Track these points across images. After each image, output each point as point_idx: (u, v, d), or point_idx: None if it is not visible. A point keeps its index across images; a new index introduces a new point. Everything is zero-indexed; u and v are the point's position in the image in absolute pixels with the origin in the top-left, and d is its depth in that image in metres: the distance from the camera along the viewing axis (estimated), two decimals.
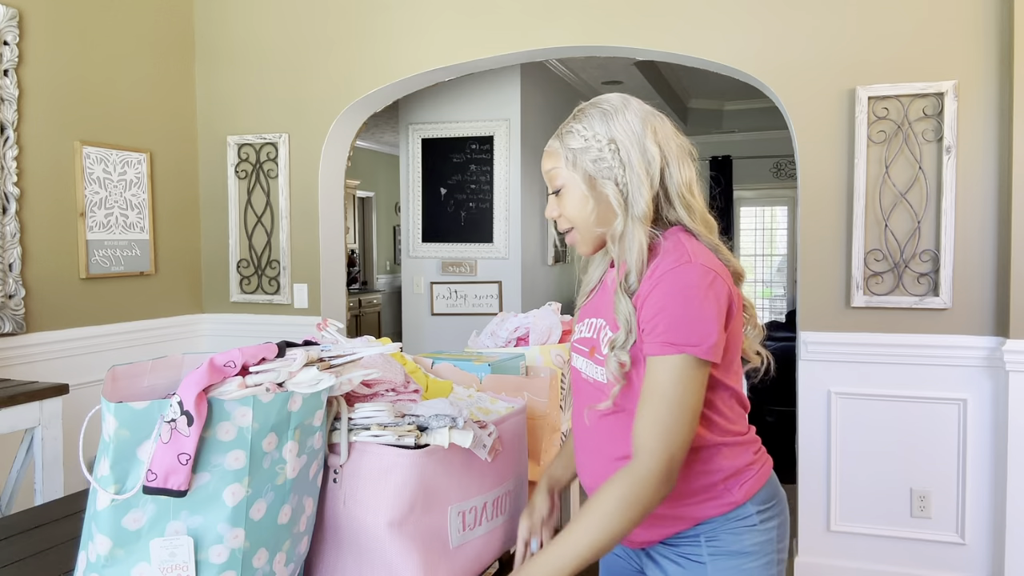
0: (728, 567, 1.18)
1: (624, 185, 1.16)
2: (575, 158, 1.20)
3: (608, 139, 1.17)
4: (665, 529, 1.21)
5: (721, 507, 1.19)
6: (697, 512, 1.19)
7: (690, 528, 1.20)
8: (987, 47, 2.61)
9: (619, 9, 3.01)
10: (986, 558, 2.69)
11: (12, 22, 2.75)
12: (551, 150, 1.24)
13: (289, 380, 1.03)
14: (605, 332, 1.21)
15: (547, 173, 1.24)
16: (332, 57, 3.43)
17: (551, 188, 1.24)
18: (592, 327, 1.25)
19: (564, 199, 1.22)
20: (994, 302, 2.63)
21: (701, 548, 1.20)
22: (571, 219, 1.23)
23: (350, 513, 1.15)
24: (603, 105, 1.20)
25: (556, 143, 1.24)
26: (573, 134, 1.21)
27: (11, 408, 2.30)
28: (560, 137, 1.23)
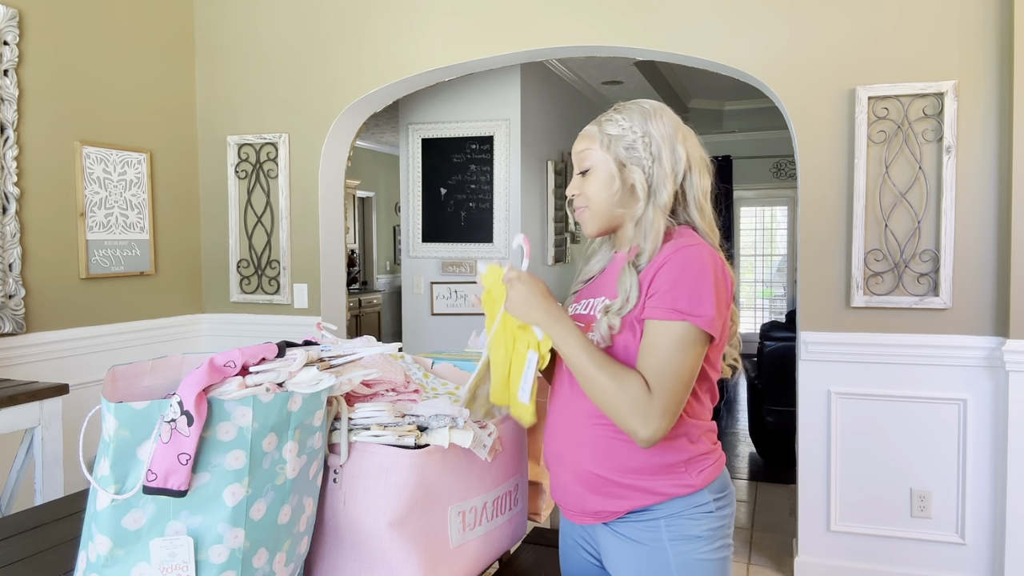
0: (687, 550, 1.24)
1: (651, 175, 1.27)
2: (610, 143, 1.30)
3: (643, 132, 1.28)
4: (626, 501, 1.25)
5: (679, 488, 1.24)
6: (657, 487, 1.24)
7: (649, 506, 1.24)
8: (987, 47, 2.61)
9: (619, 9, 3.01)
10: (986, 558, 2.69)
11: (12, 22, 2.75)
12: (587, 134, 1.34)
13: (289, 380, 1.03)
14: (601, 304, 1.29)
15: (579, 154, 1.33)
16: (332, 57, 3.43)
17: (579, 168, 1.33)
18: (589, 306, 1.33)
19: (590, 179, 1.32)
20: (994, 302, 2.63)
21: (661, 532, 1.24)
22: (590, 198, 1.31)
23: (350, 513, 1.15)
24: (643, 105, 1.32)
25: (594, 128, 1.34)
26: (612, 122, 1.32)
27: (11, 408, 2.30)
28: (599, 123, 1.33)
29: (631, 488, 1.24)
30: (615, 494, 1.25)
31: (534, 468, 1.61)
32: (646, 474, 1.24)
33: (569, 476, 1.29)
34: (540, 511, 1.63)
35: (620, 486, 1.24)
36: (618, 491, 1.24)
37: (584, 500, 1.28)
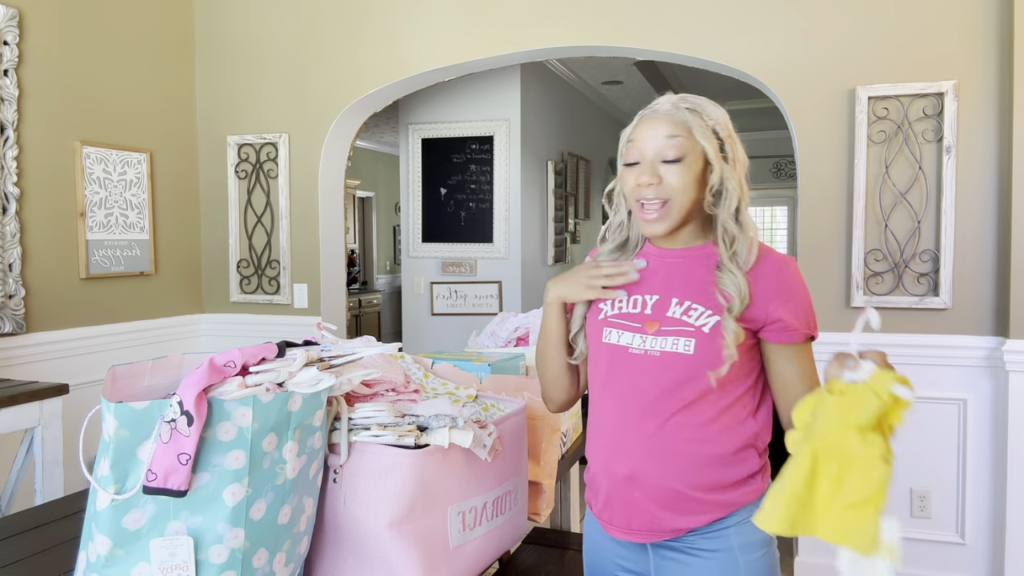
0: (755, 555, 1.22)
1: (737, 173, 1.23)
2: (706, 133, 1.20)
3: (726, 128, 1.23)
4: (705, 515, 1.22)
5: (749, 495, 1.23)
6: (734, 498, 1.22)
7: (723, 517, 1.22)
8: (987, 47, 2.61)
9: (619, 9, 3.01)
10: (986, 558, 2.69)
11: (12, 22, 2.75)
12: (676, 119, 1.20)
13: (289, 380, 1.03)
14: (674, 307, 1.22)
15: (667, 139, 1.19)
16: (332, 57, 3.43)
17: (666, 156, 1.20)
18: (640, 303, 1.25)
19: (679, 169, 1.20)
20: (994, 302, 2.63)
21: (731, 540, 1.22)
22: (676, 190, 1.20)
23: (350, 513, 1.15)
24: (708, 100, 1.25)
25: (685, 114, 1.21)
26: (703, 112, 1.21)
27: (11, 408, 2.30)
28: (692, 111, 1.21)
29: (712, 503, 1.21)
30: (695, 510, 1.21)
31: (534, 468, 1.61)
32: (729, 488, 1.22)
33: (643, 495, 1.22)
34: (540, 511, 1.63)
35: (703, 502, 1.21)
36: (699, 507, 1.21)
37: (657, 519, 1.22)
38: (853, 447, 0.97)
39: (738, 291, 1.18)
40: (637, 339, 1.23)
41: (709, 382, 1.19)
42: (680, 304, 1.22)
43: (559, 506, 2.06)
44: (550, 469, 1.65)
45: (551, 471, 1.66)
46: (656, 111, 1.22)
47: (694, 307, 1.21)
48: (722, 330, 1.18)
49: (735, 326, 1.18)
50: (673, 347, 1.20)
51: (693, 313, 1.21)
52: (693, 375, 1.19)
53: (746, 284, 1.19)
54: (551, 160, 5.43)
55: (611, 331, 1.27)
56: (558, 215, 5.61)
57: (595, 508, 1.31)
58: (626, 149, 1.25)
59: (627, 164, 1.24)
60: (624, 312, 1.27)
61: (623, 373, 1.24)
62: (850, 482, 0.97)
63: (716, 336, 1.18)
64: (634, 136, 1.23)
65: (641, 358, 1.22)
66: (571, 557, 1.72)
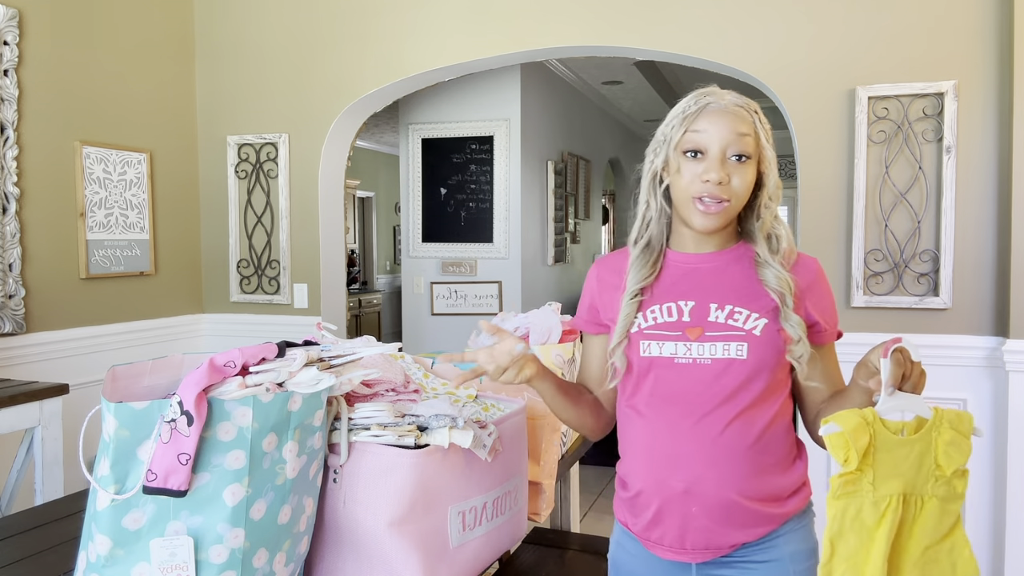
0: (807, 567, 1.21)
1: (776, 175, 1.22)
2: (766, 135, 1.20)
3: (767, 133, 1.21)
4: (761, 528, 1.19)
5: (799, 503, 1.23)
6: (791, 508, 1.21)
7: (776, 528, 1.20)
8: (987, 47, 2.61)
9: (619, 9, 3.01)
10: (986, 558, 2.68)
11: (12, 22, 2.75)
12: (744, 117, 1.18)
13: (289, 380, 1.03)
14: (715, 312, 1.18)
15: (741, 136, 1.16)
16: (332, 57, 3.43)
17: (737, 151, 1.16)
18: (675, 311, 1.21)
19: (745, 169, 1.17)
20: (994, 302, 2.63)
21: (781, 549, 1.20)
22: (737, 193, 1.17)
23: (350, 513, 1.15)
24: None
25: (751, 115, 1.19)
26: (761, 115, 1.20)
27: (11, 408, 2.30)
28: (757, 112, 1.20)
29: (768, 515, 1.19)
30: (753, 522, 1.18)
31: (534, 468, 1.61)
32: (785, 498, 1.21)
33: (700, 510, 1.17)
34: (540, 511, 1.63)
35: (760, 514, 1.18)
36: (756, 519, 1.18)
37: (714, 535, 1.18)
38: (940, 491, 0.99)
39: (786, 284, 1.17)
40: (681, 347, 1.18)
41: (762, 387, 1.17)
42: (721, 308, 1.18)
43: (559, 506, 2.06)
44: (550, 469, 1.65)
45: (551, 471, 1.66)
46: (723, 105, 1.17)
47: (738, 310, 1.18)
48: (784, 326, 1.16)
49: (797, 317, 1.17)
50: (724, 352, 1.16)
51: (738, 317, 1.17)
52: (748, 380, 1.16)
53: (789, 276, 1.18)
54: (551, 160, 5.43)
55: (650, 343, 1.20)
56: (558, 215, 5.60)
57: (637, 528, 1.24)
58: (685, 137, 1.18)
59: (687, 153, 1.18)
60: (660, 322, 1.21)
61: (671, 384, 1.19)
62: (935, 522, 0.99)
63: (769, 339, 1.16)
64: (700, 126, 1.17)
65: (690, 367, 1.18)
66: (571, 557, 1.72)
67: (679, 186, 1.19)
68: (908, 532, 0.99)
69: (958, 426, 0.99)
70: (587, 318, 1.35)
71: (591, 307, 1.33)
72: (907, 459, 0.99)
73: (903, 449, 0.99)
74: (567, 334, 1.90)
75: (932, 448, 0.98)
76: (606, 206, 8.85)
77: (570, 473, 2.07)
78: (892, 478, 0.99)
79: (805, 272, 1.22)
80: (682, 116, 1.19)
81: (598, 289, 1.32)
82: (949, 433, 0.98)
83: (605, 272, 1.34)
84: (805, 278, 1.21)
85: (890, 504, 0.99)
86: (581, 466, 2.52)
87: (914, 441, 0.99)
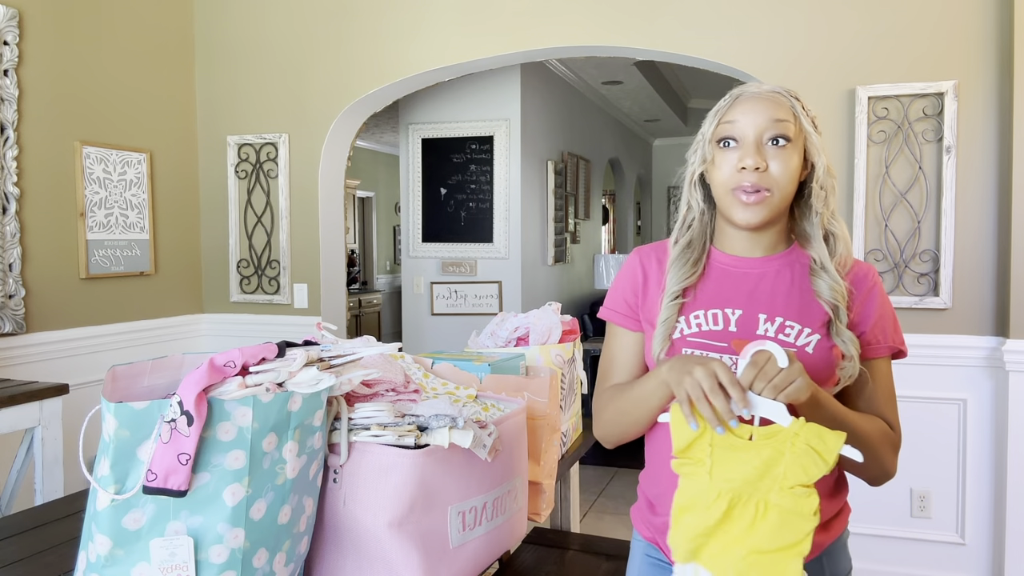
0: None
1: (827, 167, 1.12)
2: (809, 121, 1.10)
3: (812, 120, 1.12)
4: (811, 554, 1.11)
5: (843, 523, 1.20)
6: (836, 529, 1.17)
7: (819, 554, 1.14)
8: (987, 47, 2.61)
9: (619, 9, 3.01)
10: (986, 558, 2.69)
11: (12, 22, 2.75)
12: (781, 102, 1.09)
13: (289, 380, 1.03)
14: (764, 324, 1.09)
15: (777, 121, 1.07)
16: (332, 57, 3.43)
17: (773, 134, 1.08)
18: (721, 318, 1.11)
19: (784, 155, 1.08)
20: (994, 302, 2.63)
21: (824, 571, 1.15)
22: (778, 181, 1.08)
23: (350, 513, 1.14)
24: None
25: (789, 100, 1.10)
26: (803, 100, 1.11)
27: (11, 408, 2.30)
28: (795, 97, 1.11)
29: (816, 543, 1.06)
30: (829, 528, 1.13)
31: (534, 468, 1.61)
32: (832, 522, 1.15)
33: None
34: (540, 511, 1.63)
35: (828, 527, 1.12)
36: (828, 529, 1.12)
37: None
38: (784, 502, 0.94)
39: (841, 295, 1.09)
40: (727, 361, 1.08)
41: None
42: (770, 321, 1.09)
43: (559, 506, 2.06)
44: (550, 469, 1.65)
45: (551, 471, 1.66)
46: (758, 93, 1.10)
47: (789, 324, 1.09)
48: (836, 341, 1.08)
49: (850, 333, 1.09)
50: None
51: (790, 331, 1.08)
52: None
53: (845, 288, 1.09)
54: (551, 160, 5.43)
55: (692, 352, 1.10)
56: (558, 215, 5.60)
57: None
58: (719, 128, 1.11)
59: (721, 143, 1.10)
60: (705, 330, 1.11)
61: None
62: (771, 530, 0.94)
63: (821, 357, 1.08)
64: (733, 115, 1.09)
65: None
66: (571, 557, 1.72)
67: (717, 180, 1.11)
68: (744, 532, 0.95)
69: (817, 444, 0.93)
70: (624, 312, 1.21)
71: (630, 301, 1.20)
72: (750, 462, 0.95)
73: (747, 452, 0.96)
74: (567, 334, 1.90)
75: (781, 457, 0.94)
76: (606, 206, 8.85)
77: (570, 473, 2.07)
78: (731, 475, 0.96)
79: (862, 282, 1.14)
80: (715, 111, 1.13)
81: (643, 281, 1.20)
82: (803, 448, 0.94)
83: (650, 263, 1.21)
84: (859, 287, 1.13)
85: (726, 498, 0.96)
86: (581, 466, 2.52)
87: (761, 447, 0.96)
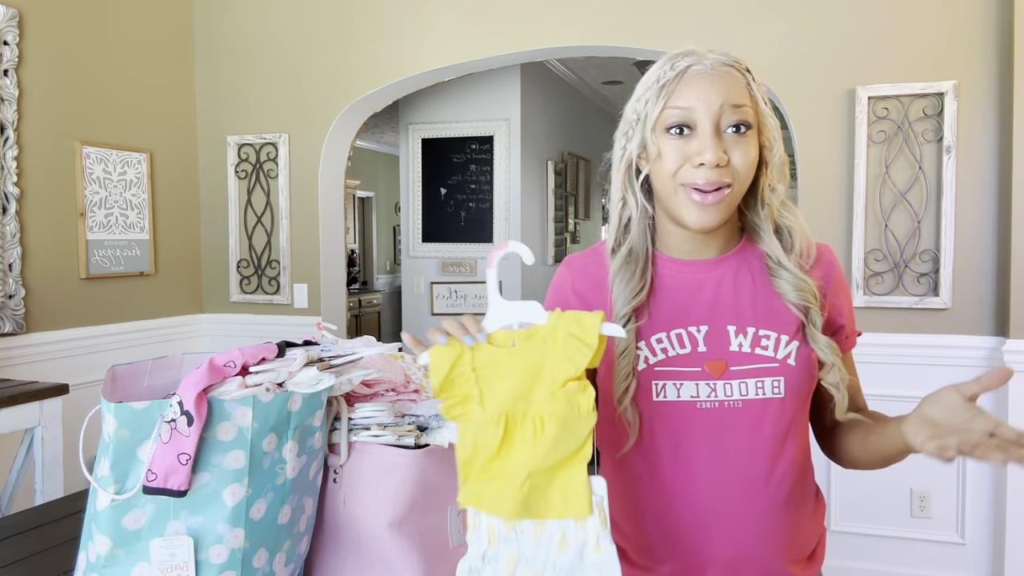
0: None
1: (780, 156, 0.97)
2: (764, 98, 0.95)
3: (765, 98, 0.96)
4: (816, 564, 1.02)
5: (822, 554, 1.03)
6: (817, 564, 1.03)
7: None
8: (987, 47, 2.61)
9: (619, 9, 3.01)
10: (986, 558, 2.69)
11: (12, 22, 2.75)
12: (736, 79, 0.92)
13: (289, 380, 1.03)
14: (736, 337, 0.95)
15: (736, 107, 0.91)
16: (332, 57, 3.43)
17: (734, 120, 0.91)
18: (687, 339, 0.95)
19: (746, 146, 0.92)
20: (994, 302, 2.63)
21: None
22: (740, 172, 0.92)
23: (350, 513, 1.14)
24: None
25: (743, 75, 0.94)
26: (754, 75, 0.95)
27: (11, 408, 2.30)
28: (749, 71, 0.95)
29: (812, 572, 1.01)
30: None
31: None
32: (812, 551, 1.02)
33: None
34: None
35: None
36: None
37: None
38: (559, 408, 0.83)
39: (811, 293, 0.95)
40: (704, 388, 0.93)
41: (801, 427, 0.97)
42: (742, 333, 0.94)
43: None
44: None
45: None
46: (710, 68, 0.92)
47: (763, 334, 0.94)
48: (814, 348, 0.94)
49: (826, 339, 0.94)
50: (758, 391, 0.93)
51: (766, 342, 0.94)
52: (788, 422, 0.95)
53: (816, 285, 0.96)
54: (551, 160, 5.43)
55: (664, 384, 0.94)
56: (558, 215, 5.61)
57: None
58: (665, 112, 0.92)
59: (670, 131, 0.92)
60: (672, 355, 0.94)
61: (698, 437, 0.94)
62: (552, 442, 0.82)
63: (804, 367, 0.95)
64: (684, 95, 0.91)
65: (715, 413, 0.93)
66: None
67: (663, 174, 0.93)
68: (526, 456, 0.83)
69: (575, 330, 0.82)
70: None
71: None
72: (516, 374, 0.84)
73: (511, 364, 0.85)
74: None
75: (546, 359, 0.83)
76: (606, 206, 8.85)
77: None
78: (501, 395, 0.85)
79: (829, 269, 1.00)
80: (658, 85, 0.92)
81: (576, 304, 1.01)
82: (564, 339, 0.83)
83: (583, 283, 1.03)
84: (824, 275, 0.99)
85: (502, 422, 0.85)
86: None
87: (524, 353, 0.85)
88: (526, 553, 0.84)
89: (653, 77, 0.94)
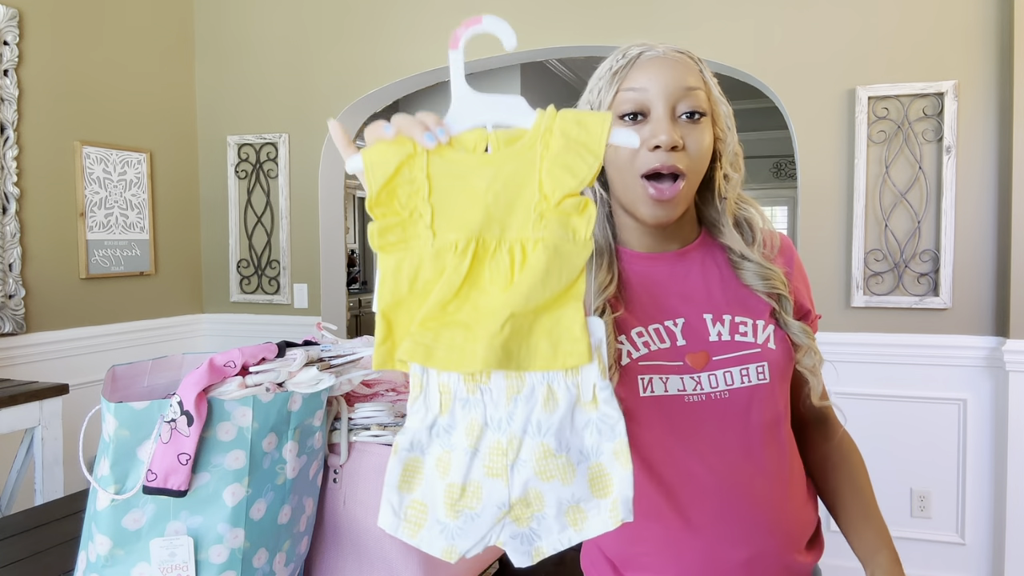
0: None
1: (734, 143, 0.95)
2: (716, 88, 0.93)
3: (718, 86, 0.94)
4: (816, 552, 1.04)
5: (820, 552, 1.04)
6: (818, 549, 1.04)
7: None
8: (987, 47, 2.61)
9: (618, 9, 3.01)
10: (986, 558, 2.69)
11: (12, 22, 2.75)
12: (689, 65, 0.90)
13: (289, 380, 1.03)
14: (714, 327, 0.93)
15: (689, 90, 0.89)
16: (332, 57, 3.43)
17: (689, 107, 0.89)
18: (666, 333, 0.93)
19: (701, 132, 0.89)
20: (994, 302, 2.63)
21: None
22: (695, 160, 0.89)
23: (350, 513, 1.14)
24: None
25: (696, 64, 0.92)
26: (707, 67, 0.93)
27: (11, 408, 2.30)
28: (701, 61, 0.93)
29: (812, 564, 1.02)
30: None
31: None
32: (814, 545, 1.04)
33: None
34: None
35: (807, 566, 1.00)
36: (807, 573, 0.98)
37: None
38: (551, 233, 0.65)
39: (781, 282, 0.95)
40: (689, 382, 0.90)
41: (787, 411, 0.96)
42: (719, 321, 0.92)
43: None
44: None
45: None
46: (663, 54, 0.90)
47: (740, 320, 0.93)
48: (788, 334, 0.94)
49: (799, 323, 0.95)
50: (743, 379, 0.91)
51: (745, 329, 0.93)
52: (776, 408, 0.94)
53: (783, 272, 0.96)
54: None
55: (650, 379, 0.90)
56: None
57: None
58: (619, 97, 0.89)
59: (624, 118, 0.89)
60: (655, 350, 0.91)
61: (690, 431, 0.90)
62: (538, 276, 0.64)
63: (784, 350, 0.94)
64: (637, 80, 0.88)
65: (703, 406, 0.90)
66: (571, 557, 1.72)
67: (618, 163, 0.90)
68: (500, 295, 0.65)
69: (575, 133, 0.66)
70: None
71: None
72: (489, 187, 0.66)
73: (481, 173, 0.66)
74: None
75: (534, 169, 0.66)
76: None
77: None
78: (467, 215, 0.66)
79: (790, 255, 1.02)
80: (611, 73, 0.90)
81: None
82: (560, 143, 0.66)
83: None
84: (787, 262, 1.01)
85: (467, 253, 0.66)
86: None
87: (501, 161, 0.66)
88: (496, 417, 0.66)
89: (606, 67, 0.92)
